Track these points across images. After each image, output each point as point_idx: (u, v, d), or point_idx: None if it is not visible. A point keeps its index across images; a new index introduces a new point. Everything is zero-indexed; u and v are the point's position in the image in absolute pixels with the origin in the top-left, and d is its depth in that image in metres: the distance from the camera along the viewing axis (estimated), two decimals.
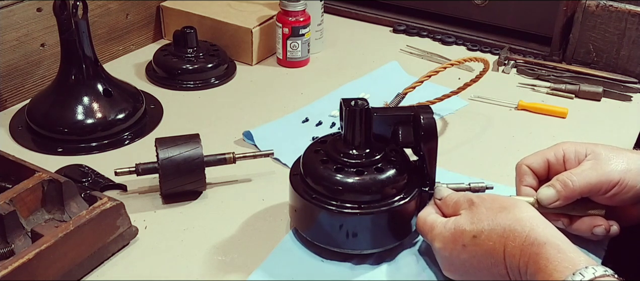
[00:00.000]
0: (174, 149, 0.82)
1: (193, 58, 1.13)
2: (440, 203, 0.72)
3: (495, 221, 0.65)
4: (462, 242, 0.66)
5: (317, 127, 1.01)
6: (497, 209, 0.66)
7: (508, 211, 0.65)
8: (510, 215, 0.65)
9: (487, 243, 0.65)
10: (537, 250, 0.61)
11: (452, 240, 0.67)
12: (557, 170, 0.76)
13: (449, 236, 0.68)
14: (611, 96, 1.11)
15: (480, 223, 0.66)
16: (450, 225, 0.68)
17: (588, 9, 1.15)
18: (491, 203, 0.67)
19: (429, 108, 0.76)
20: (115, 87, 0.99)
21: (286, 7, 1.16)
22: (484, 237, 0.65)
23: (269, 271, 0.74)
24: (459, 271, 0.69)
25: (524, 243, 0.62)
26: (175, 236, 0.79)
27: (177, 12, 1.25)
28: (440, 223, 0.70)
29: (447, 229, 0.68)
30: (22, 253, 0.66)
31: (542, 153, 0.77)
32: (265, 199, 0.86)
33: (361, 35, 1.33)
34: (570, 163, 0.75)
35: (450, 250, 0.68)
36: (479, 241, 0.65)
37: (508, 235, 0.64)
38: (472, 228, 0.66)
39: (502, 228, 0.64)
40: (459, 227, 0.67)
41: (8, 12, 1.00)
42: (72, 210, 0.76)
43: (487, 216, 0.66)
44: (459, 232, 0.67)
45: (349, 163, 0.73)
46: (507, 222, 0.64)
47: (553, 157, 0.76)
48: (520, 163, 0.77)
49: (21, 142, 0.96)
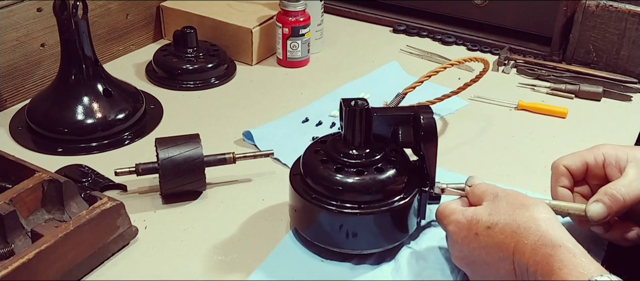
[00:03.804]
0: (174, 149, 0.82)
1: (193, 58, 1.13)
2: (469, 190, 0.73)
3: (511, 216, 0.65)
4: (476, 230, 0.67)
5: (317, 127, 1.01)
6: (516, 205, 0.66)
7: (526, 209, 0.65)
8: (527, 213, 0.65)
9: (499, 236, 0.65)
10: (551, 251, 0.61)
11: (467, 226, 0.68)
12: (595, 173, 0.75)
13: (464, 222, 0.68)
14: (611, 96, 1.11)
15: (497, 216, 0.66)
16: (468, 213, 0.69)
17: (588, 9, 1.15)
18: (513, 199, 0.67)
19: (429, 108, 0.76)
20: (115, 87, 0.99)
21: (286, 7, 1.16)
22: (497, 230, 0.65)
23: (269, 271, 0.74)
24: (466, 260, 0.69)
25: (537, 242, 0.62)
26: (175, 236, 0.79)
27: (177, 12, 1.25)
28: (460, 210, 0.70)
29: (464, 216, 0.69)
30: (22, 253, 0.66)
31: (581, 154, 0.76)
32: (265, 199, 0.86)
33: (361, 35, 1.33)
34: (611, 169, 0.73)
35: (463, 236, 0.68)
36: (492, 232, 0.66)
37: (521, 232, 0.64)
38: (488, 219, 0.66)
39: (517, 224, 0.64)
40: (476, 216, 0.68)
41: (8, 12, 1.01)
42: (72, 210, 0.76)
43: (506, 210, 0.66)
44: (475, 221, 0.67)
45: (349, 163, 0.73)
46: (523, 219, 0.64)
47: (592, 159, 0.75)
48: (557, 163, 0.76)
49: (21, 142, 0.96)
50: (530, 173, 0.92)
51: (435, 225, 0.81)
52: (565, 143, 0.99)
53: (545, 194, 0.82)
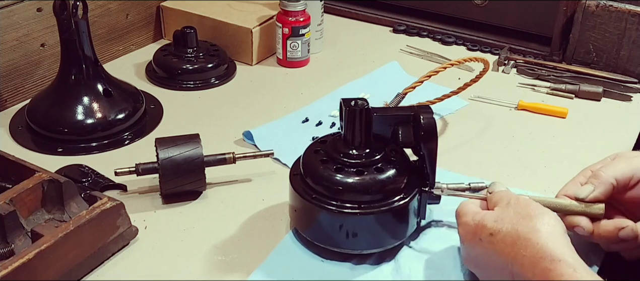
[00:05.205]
0: (174, 149, 0.82)
1: (193, 58, 1.13)
2: (489, 196, 0.72)
3: (514, 226, 0.65)
4: (480, 236, 0.67)
5: (317, 127, 1.01)
6: (523, 215, 0.66)
7: (530, 220, 0.65)
8: (530, 223, 0.64)
9: (500, 244, 0.65)
10: (550, 266, 0.60)
11: (472, 231, 0.68)
12: None
13: (472, 226, 0.68)
14: (611, 96, 1.11)
15: (501, 223, 0.66)
16: (477, 217, 0.69)
17: (588, 9, 1.15)
18: (522, 208, 0.67)
19: (429, 108, 0.76)
20: (115, 87, 0.99)
21: (286, 7, 1.16)
22: (499, 238, 0.65)
23: (269, 271, 0.74)
24: (473, 263, 0.70)
25: (536, 255, 0.62)
26: (175, 236, 0.79)
27: (177, 12, 1.25)
28: (472, 213, 0.70)
29: (473, 220, 0.69)
30: (22, 253, 0.66)
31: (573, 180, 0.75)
32: (265, 199, 0.86)
33: (361, 35, 1.33)
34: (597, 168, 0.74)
35: (469, 240, 0.69)
36: (493, 240, 0.66)
37: (521, 243, 0.63)
38: (492, 226, 0.66)
39: (518, 235, 0.64)
40: (483, 221, 0.68)
41: (8, 12, 1.01)
42: (72, 210, 0.76)
43: (511, 219, 0.66)
44: (480, 226, 0.67)
45: (349, 163, 0.73)
46: (525, 230, 0.64)
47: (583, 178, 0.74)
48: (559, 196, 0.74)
49: (21, 142, 0.96)
50: (530, 173, 0.92)
51: (436, 225, 0.81)
52: (565, 143, 0.99)
53: (545, 194, 0.82)
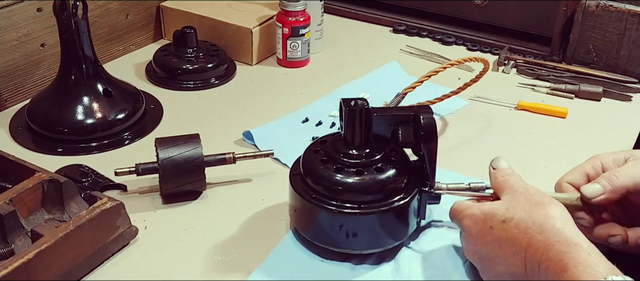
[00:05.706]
0: (174, 149, 0.82)
1: (193, 58, 1.13)
2: (493, 172, 0.73)
3: (528, 213, 0.66)
4: (491, 224, 0.68)
5: (317, 127, 1.01)
6: (534, 202, 0.67)
7: (542, 207, 0.66)
8: (543, 210, 0.66)
9: (513, 230, 0.66)
10: (566, 249, 0.61)
11: (482, 219, 0.69)
12: None
13: (480, 215, 0.69)
14: (611, 96, 1.11)
15: (513, 211, 0.67)
16: (485, 207, 0.69)
17: (588, 9, 1.15)
18: (532, 196, 0.68)
19: (429, 108, 0.76)
20: (115, 87, 0.99)
21: (286, 7, 1.16)
22: (512, 224, 0.66)
23: (269, 271, 0.74)
24: (479, 254, 0.70)
25: (552, 239, 0.63)
26: (175, 236, 0.79)
27: (177, 12, 1.25)
28: (476, 205, 0.71)
29: (481, 210, 0.69)
30: (22, 253, 0.66)
31: (580, 167, 0.77)
32: (265, 199, 0.86)
33: (361, 35, 1.33)
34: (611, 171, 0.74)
35: (478, 229, 0.69)
36: (506, 227, 0.66)
37: (536, 228, 0.64)
38: (504, 213, 0.67)
39: (532, 221, 0.65)
40: (493, 210, 0.68)
41: (8, 12, 1.01)
42: (72, 210, 0.76)
43: (523, 206, 0.67)
44: (491, 214, 0.68)
45: (348, 163, 0.73)
46: (539, 216, 0.65)
47: (591, 169, 0.76)
48: (561, 182, 0.77)
49: (21, 142, 0.96)
50: (530, 173, 0.92)
51: (436, 225, 0.81)
52: (565, 143, 0.99)
53: None
